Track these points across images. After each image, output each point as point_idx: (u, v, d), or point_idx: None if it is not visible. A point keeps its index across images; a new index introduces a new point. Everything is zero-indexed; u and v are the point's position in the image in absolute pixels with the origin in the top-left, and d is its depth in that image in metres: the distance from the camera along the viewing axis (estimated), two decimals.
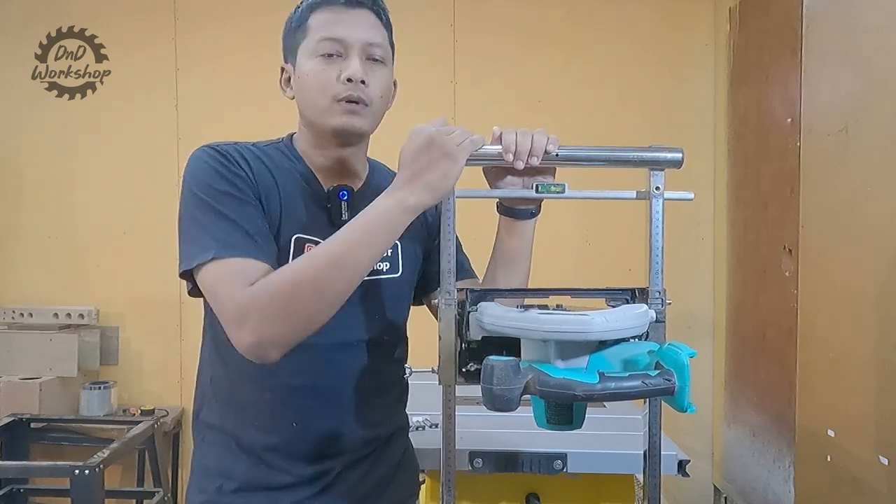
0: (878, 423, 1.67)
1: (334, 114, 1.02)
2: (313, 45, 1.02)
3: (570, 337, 0.80)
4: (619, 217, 2.77)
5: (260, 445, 1.05)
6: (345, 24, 1.02)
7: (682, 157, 0.98)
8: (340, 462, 1.08)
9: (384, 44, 1.05)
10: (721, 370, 2.78)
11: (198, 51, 2.99)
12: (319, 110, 1.03)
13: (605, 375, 0.76)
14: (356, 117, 1.02)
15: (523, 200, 1.08)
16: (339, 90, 1.01)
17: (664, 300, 0.94)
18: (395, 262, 1.11)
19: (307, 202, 1.05)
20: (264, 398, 1.04)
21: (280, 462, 1.05)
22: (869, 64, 1.76)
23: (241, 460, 1.05)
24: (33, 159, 3.04)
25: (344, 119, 1.02)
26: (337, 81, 1.01)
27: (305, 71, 1.03)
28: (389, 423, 1.15)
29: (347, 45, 1.01)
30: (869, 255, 1.72)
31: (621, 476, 1.53)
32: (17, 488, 2.65)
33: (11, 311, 2.92)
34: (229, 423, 1.07)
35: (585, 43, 2.92)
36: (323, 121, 1.03)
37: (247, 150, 1.03)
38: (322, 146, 1.07)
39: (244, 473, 1.05)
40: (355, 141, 1.07)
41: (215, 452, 1.08)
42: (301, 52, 1.04)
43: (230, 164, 0.99)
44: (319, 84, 1.02)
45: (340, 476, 1.08)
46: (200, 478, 1.09)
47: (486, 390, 0.76)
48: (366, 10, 1.04)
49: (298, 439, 1.05)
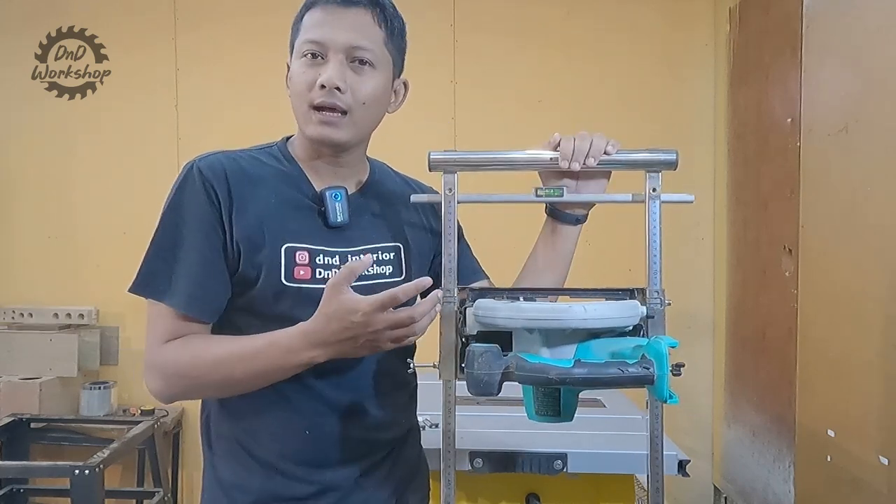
0: (878, 423, 1.67)
1: (310, 122, 1.00)
2: (299, 46, 1.01)
3: (549, 325, 0.84)
4: (620, 217, 2.75)
5: (274, 454, 1.02)
6: (330, 25, 0.98)
7: (676, 158, 0.98)
8: (358, 468, 1.06)
9: (374, 46, 1.00)
10: (721, 370, 2.78)
11: (198, 51, 2.99)
12: (300, 115, 1.02)
13: (582, 362, 0.78)
14: (330, 128, 0.99)
15: (572, 205, 1.10)
16: (314, 96, 0.98)
17: (663, 300, 0.94)
18: (397, 266, 1.10)
19: (298, 207, 1.03)
20: (276, 405, 1.02)
21: (296, 471, 1.03)
22: (869, 64, 1.76)
23: (255, 472, 1.03)
24: (33, 159, 3.04)
25: (318, 130, 1.00)
26: (314, 87, 0.98)
27: (292, 71, 1.02)
28: (401, 424, 1.14)
29: (328, 47, 0.98)
30: (869, 255, 1.72)
31: (621, 476, 1.53)
32: (17, 488, 2.65)
33: (11, 311, 2.93)
34: (240, 431, 1.04)
35: (585, 43, 2.92)
36: (303, 128, 1.03)
37: (231, 163, 1.01)
38: (316, 151, 1.06)
39: (260, 486, 1.02)
40: (338, 151, 1.05)
41: (228, 465, 1.05)
42: (294, 50, 1.03)
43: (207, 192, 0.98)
44: (298, 88, 1.00)
45: (358, 484, 1.06)
46: (214, 492, 1.06)
47: (468, 374, 0.80)
48: (360, 8, 0.99)
49: (313, 446, 1.03)
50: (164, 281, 0.97)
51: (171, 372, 0.96)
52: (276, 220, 1.00)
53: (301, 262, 1.00)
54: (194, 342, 0.97)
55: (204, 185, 0.98)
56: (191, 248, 0.97)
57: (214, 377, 0.96)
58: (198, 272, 0.96)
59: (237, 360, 0.94)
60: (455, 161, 1.01)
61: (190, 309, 0.96)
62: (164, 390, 0.97)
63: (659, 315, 0.93)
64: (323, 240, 1.02)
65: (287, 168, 1.06)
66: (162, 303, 0.96)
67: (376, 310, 0.86)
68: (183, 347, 0.96)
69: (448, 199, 1.00)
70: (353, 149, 1.07)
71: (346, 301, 0.87)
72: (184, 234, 0.97)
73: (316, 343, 0.90)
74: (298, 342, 0.91)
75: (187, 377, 0.96)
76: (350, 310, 0.86)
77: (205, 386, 0.98)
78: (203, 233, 0.97)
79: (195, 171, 0.99)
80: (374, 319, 0.86)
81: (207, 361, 0.95)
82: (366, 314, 0.86)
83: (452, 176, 1.00)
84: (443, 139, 2.90)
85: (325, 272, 1.01)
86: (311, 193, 1.05)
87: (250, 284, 0.99)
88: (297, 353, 0.92)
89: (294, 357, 0.92)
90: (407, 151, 1.33)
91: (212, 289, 0.98)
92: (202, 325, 0.98)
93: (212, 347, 0.96)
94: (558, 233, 1.13)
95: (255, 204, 1.00)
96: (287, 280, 0.99)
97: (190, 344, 0.96)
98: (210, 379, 0.96)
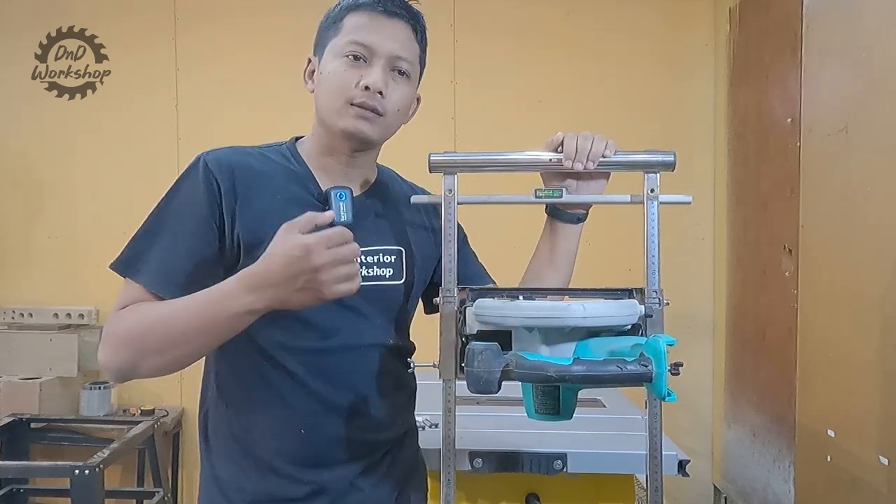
0: (878, 423, 1.67)
1: (345, 116, 1.02)
2: (341, 46, 1.02)
3: (549, 323, 0.84)
4: (620, 218, 2.75)
5: (270, 453, 1.02)
6: (377, 32, 1.01)
7: (673, 159, 0.99)
8: (355, 468, 1.06)
9: (413, 59, 1.05)
10: (721, 370, 2.78)
11: (198, 51, 2.99)
12: (332, 110, 1.03)
13: (580, 359, 0.79)
14: (365, 123, 1.02)
15: (571, 205, 1.11)
16: (355, 94, 1.01)
17: (661, 300, 0.95)
18: (398, 269, 1.10)
19: (302, 205, 1.02)
20: (272, 403, 1.02)
21: (290, 470, 1.03)
22: (869, 64, 1.76)
23: (251, 472, 1.03)
24: (33, 159, 3.04)
25: (353, 122, 1.02)
26: (355, 86, 1.01)
27: (328, 69, 1.03)
28: (399, 425, 1.14)
29: (374, 52, 1.01)
30: (869, 255, 1.72)
31: (621, 476, 1.53)
32: (17, 488, 2.65)
33: (11, 311, 2.93)
34: (237, 428, 1.04)
35: (585, 43, 2.92)
36: (332, 121, 1.03)
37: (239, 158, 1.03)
38: (331, 148, 1.07)
39: (255, 486, 1.03)
40: (363, 147, 1.07)
41: (225, 464, 1.05)
42: (329, 49, 1.04)
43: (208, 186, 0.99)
44: (338, 85, 1.01)
45: (354, 485, 1.06)
46: (211, 491, 1.06)
47: (468, 372, 0.81)
48: (403, 21, 1.03)
49: (309, 446, 1.03)
50: (135, 258, 0.98)
51: (118, 337, 0.93)
52: (281, 216, 0.99)
53: None
54: (142, 306, 0.95)
55: (207, 176, 0.99)
56: (171, 231, 0.98)
57: (155, 337, 0.92)
58: (171, 252, 0.97)
59: (176, 314, 0.91)
60: (455, 162, 1.02)
61: (153, 285, 0.96)
62: (110, 359, 0.93)
63: (657, 314, 0.94)
64: None
65: (295, 167, 1.07)
66: (130, 279, 0.97)
67: (320, 243, 0.84)
68: (130, 312, 0.95)
69: (448, 200, 1.01)
70: (371, 151, 1.10)
71: (291, 238, 0.85)
72: (172, 222, 0.99)
73: (253, 286, 0.87)
74: (235, 285, 0.88)
75: (130, 340, 0.92)
76: (295, 245, 0.84)
77: (148, 349, 0.92)
78: (191, 220, 0.98)
79: (201, 163, 1.01)
80: (317, 254, 0.83)
81: (150, 319, 0.93)
82: (307, 247, 0.83)
83: (452, 177, 1.02)
84: (443, 139, 2.90)
85: None
86: (317, 193, 1.06)
87: None
88: (234, 298, 0.88)
89: (230, 303, 0.88)
90: (407, 151, 1.33)
91: (181, 268, 0.97)
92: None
93: (155, 307, 0.94)
94: (559, 232, 1.14)
95: (260, 199, 1.01)
96: None
97: (137, 308, 0.95)
98: (152, 339, 0.92)
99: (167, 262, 0.97)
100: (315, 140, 1.09)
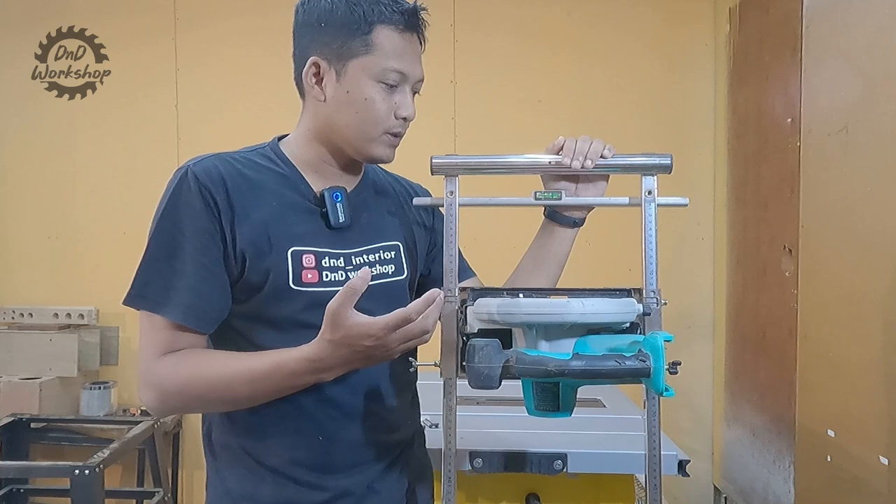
0: (878, 423, 1.67)
1: (380, 145, 1.02)
2: (379, 71, 0.98)
3: (548, 319, 0.86)
4: (620, 218, 2.77)
5: (286, 462, 1.00)
6: (409, 55, 1.00)
7: (670, 162, 1.00)
8: (371, 471, 1.05)
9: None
10: (721, 370, 2.78)
11: (198, 51, 2.99)
12: (367, 137, 1.01)
13: (580, 355, 0.80)
14: (393, 150, 1.05)
15: (570, 208, 1.11)
16: (393, 125, 1.02)
17: (659, 299, 0.96)
18: (399, 265, 1.10)
19: (300, 210, 1.01)
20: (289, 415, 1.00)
21: (309, 477, 1.01)
22: (869, 64, 1.76)
23: (266, 481, 1.00)
24: (33, 159, 3.04)
25: (385, 151, 1.04)
26: (393, 116, 1.01)
27: (363, 94, 0.99)
28: (409, 425, 1.15)
29: (406, 78, 1.01)
30: (869, 255, 1.72)
31: (621, 476, 1.53)
32: (17, 488, 2.65)
33: (11, 311, 2.93)
34: (248, 442, 1.01)
35: (585, 43, 2.93)
36: (362, 147, 1.02)
37: (227, 167, 0.98)
38: (331, 157, 1.06)
39: (272, 495, 1.00)
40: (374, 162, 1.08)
41: (236, 474, 1.02)
42: (359, 66, 0.98)
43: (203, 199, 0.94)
44: (377, 115, 1.00)
45: (372, 488, 1.05)
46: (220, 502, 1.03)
47: (469, 368, 0.82)
48: (418, 37, 1.02)
49: (327, 452, 1.02)
50: (160, 292, 0.94)
51: (168, 388, 0.94)
52: (280, 224, 0.99)
53: (308, 265, 0.98)
54: (192, 358, 0.94)
55: (200, 191, 0.94)
56: (188, 257, 0.94)
57: (213, 395, 0.94)
58: (196, 282, 0.93)
59: (239, 379, 0.93)
60: (457, 165, 1.03)
61: (188, 320, 0.93)
62: (160, 405, 0.95)
63: (655, 314, 0.95)
64: (327, 241, 1.02)
65: (284, 170, 1.04)
66: (158, 314, 0.94)
67: (389, 331, 0.85)
68: (181, 363, 0.93)
69: (450, 203, 1.02)
70: None
71: (355, 327, 0.84)
72: (180, 243, 0.94)
73: (323, 369, 0.90)
74: (304, 368, 0.91)
75: (185, 394, 0.94)
76: (362, 335, 0.85)
77: (203, 403, 0.98)
78: (201, 241, 0.94)
79: (190, 176, 0.95)
80: (388, 339, 0.86)
81: (207, 379, 0.93)
82: (379, 338, 0.85)
83: (454, 179, 1.03)
84: (443, 139, 2.90)
85: (332, 275, 1.00)
86: (311, 195, 1.03)
87: (255, 290, 0.97)
88: (303, 377, 0.92)
89: (300, 380, 0.93)
90: (407, 151, 1.33)
91: (210, 299, 0.95)
92: (199, 336, 0.96)
93: (211, 365, 0.94)
94: (554, 235, 1.14)
95: (257, 210, 0.98)
96: (295, 284, 0.97)
97: (188, 359, 0.94)
98: (209, 397, 0.95)
99: (192, 292, 0.94)
100: (310, 148, 1.05)
